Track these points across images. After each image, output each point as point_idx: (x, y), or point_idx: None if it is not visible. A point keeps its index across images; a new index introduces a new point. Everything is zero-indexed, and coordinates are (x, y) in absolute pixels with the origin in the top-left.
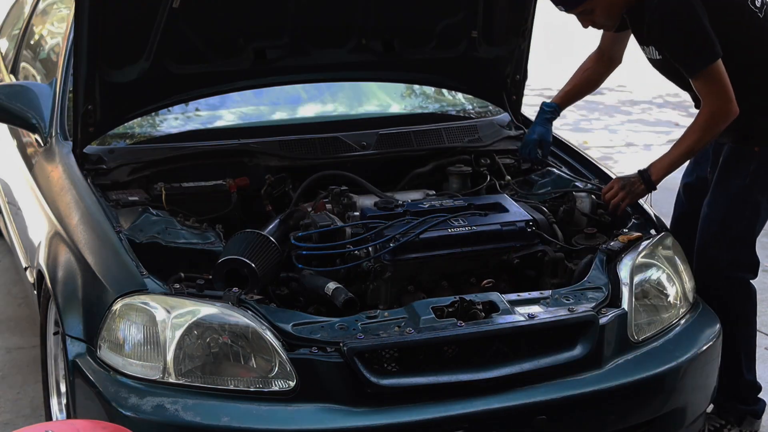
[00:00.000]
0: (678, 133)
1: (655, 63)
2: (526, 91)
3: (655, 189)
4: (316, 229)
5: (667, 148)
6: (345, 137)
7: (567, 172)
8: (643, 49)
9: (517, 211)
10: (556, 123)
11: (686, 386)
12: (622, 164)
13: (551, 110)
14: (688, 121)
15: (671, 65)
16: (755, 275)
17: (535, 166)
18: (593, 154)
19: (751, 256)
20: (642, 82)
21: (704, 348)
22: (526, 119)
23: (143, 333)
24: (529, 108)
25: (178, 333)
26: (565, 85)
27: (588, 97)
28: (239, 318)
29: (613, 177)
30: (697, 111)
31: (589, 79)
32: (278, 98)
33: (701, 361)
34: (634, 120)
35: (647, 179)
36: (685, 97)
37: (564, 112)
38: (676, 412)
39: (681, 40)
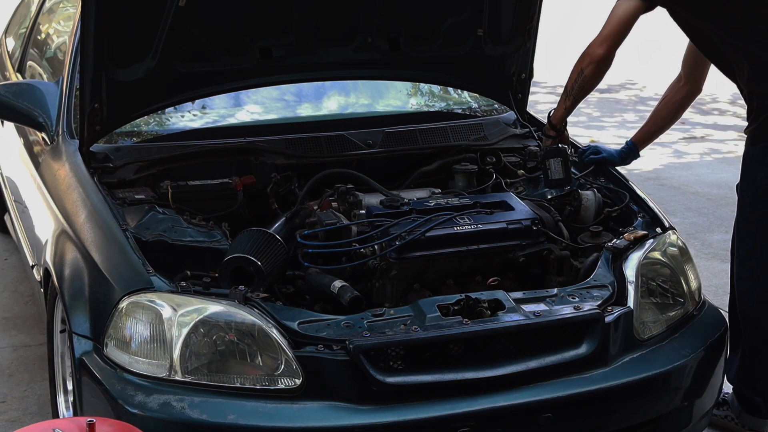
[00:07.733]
0: (689, 132)
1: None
2: (538, 89)
3: (557, 131)
4: (322, 227)
5: (677, 146)
6: (351, 135)
7: (573, 170)
8: None
9: (522, 210)
10: (570, 119)
11: (692, 385)
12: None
13: (627, 145)
14: (699, 118)
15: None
16: None
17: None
18: None
19: None
20: (653, 79)
21: (710, 346)
22: (531, 117)
23: (150, 331)
24: (541, 106)
25: (185, 331)
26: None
27: (600, 95)
28: (245, 316)
29: (621, 177)
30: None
31: (665, 113)
32: (284, 96)
33: (707, 360)
34: (645, 117)
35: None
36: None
37: (576, 110)
38: (682, 410)
39: None
